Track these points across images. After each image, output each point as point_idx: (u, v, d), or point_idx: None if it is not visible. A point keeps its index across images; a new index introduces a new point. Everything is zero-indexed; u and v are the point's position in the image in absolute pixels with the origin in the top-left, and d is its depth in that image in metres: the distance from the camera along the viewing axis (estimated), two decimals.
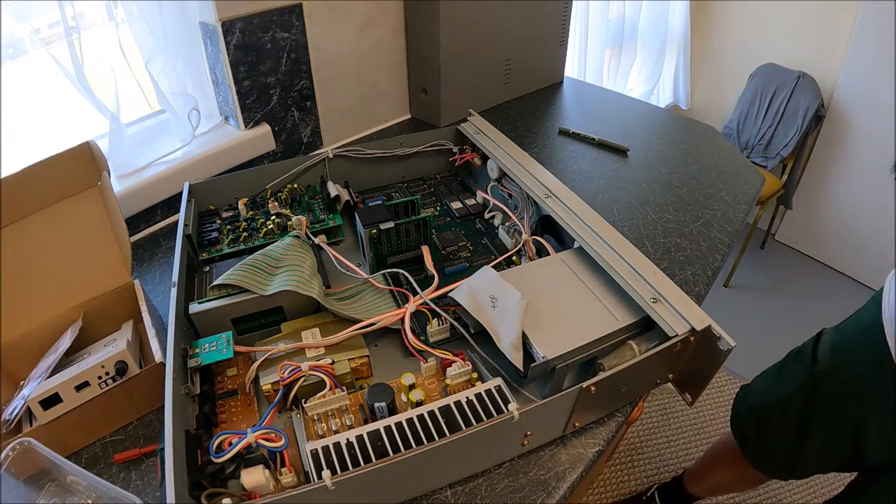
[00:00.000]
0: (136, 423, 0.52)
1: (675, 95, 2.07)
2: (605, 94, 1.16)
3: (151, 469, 0.48)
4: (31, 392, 0.46)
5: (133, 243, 0.68)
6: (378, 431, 0.43)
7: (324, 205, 0.69)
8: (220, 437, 0.42)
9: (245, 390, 0.51)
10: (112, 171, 0.65)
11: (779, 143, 1.86)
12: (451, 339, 0.56)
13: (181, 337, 0.49)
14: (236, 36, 0.75)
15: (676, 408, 1.52)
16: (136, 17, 0.72)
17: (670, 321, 0.47)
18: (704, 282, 0.66)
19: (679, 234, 0.73)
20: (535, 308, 0.50)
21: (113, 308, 0.58)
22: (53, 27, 0.68)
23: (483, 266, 0.57)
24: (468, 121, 0.79)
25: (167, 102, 0.77)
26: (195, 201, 0.67)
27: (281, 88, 0.84)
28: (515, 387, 0.51)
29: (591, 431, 0.50)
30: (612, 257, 0.54)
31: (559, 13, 1.08)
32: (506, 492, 0.45)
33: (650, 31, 1.84)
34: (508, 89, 1.09)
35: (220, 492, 0.40)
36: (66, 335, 0.54)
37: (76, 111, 0.73)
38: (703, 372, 0.49)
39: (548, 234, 0.65)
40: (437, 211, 0.75)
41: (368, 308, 0.57)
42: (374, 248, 0.61)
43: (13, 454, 0.43)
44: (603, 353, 0.50)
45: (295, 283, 0.53)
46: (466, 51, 0.94)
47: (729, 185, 0.83)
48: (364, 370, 0.52)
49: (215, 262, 0.63)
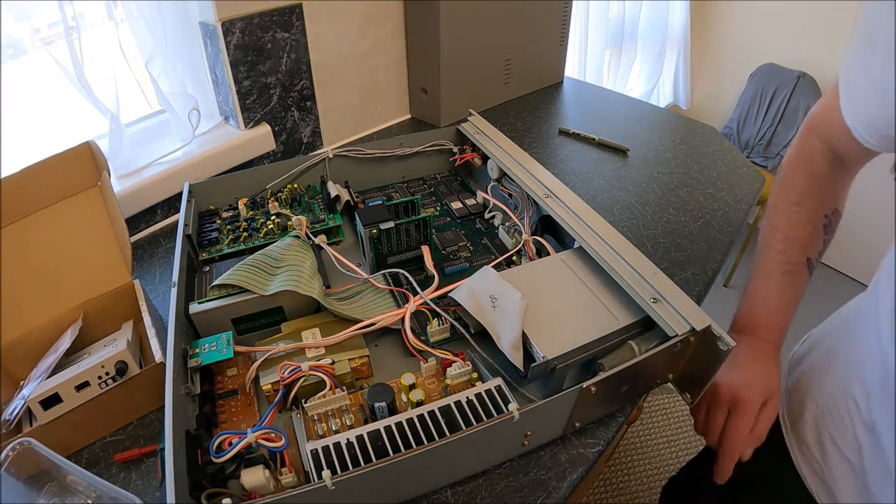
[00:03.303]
0: (136, 423, 0.52)
1: (675, 95, 2.07)
2: (605, 94, 1.16)
3: (151, 469, 0.48)
4: (31, 392, 0.46)
5: (133, 243, 0.68)
6: (378, 431, 0.43)
7: (324, 205, 0.69)
8: (220, 437, 0.42)
9: (245, 390, 0.51)
10: (112, 171, 0.65)
11: (779, 143, 1.86)
12: (451, 339, 0.56)
13: (181, 337, 0.49)
14: (236, 36, 0.75)
15: (676, 408, 1.52)
16: (136, 17, 0.72)
17: (670, 321, 0.47)
18: (704, 282, 0.66)
19: (679, 234, 0.73)
20: (535, 308, 0.50)
21: (113, 308, 0.58)
22: (53, 27, 0.68)
23: (483, 266, 0.57)
24: (468, 121, 0.79)
25: (167, 102, 0.77)
26: (195, 201, 0.67)
27: (281, 88, 0.84)
28: (515, 387, 0.51)
29: (591, 431, 0.50)
30: (612, 257, 0.54)
31: (559, 13, 1.08)
32: (506, 492, 0.45)
33: (650, 31, 1.84)
34: (508, 89, 1.09)
35: (220, 492, 0.40)
36: (66, 335, 0.54)
37: (76, 111, 0.73)
38: (703, 372, 0.49)
39: (548, 234, 0.65)
40: (437, 211, 0.75)
41: (368, 308, 0.57)
42: (374, 248, 0.61)
43: (13, 454, 0.43)
44: (603, 353, 0.50)
45: (295, 283, 0.53)
46: (466, 51, 0.94)
47: (729, 185, 0.83)
48: (364, 370, 0.52)
49: (215, 262, 0.63)
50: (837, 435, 0.50)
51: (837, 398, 0.50)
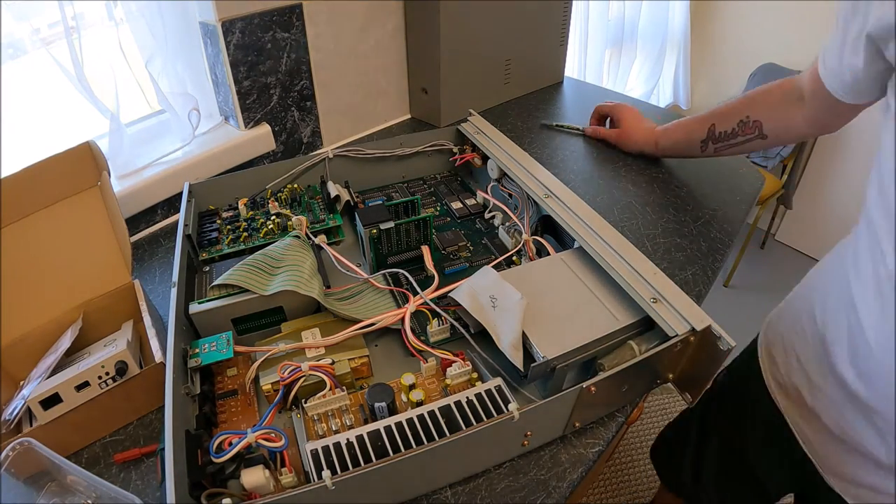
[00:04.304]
0: (136, 423, 0.52)
1: (675, 95, 2.07)
2: (605, 94, 1.15)
3: (151, 469, 0.48)
4: (31, 392, 0.46)
5: (133, 243, 0.68)
6: (378, 431, 0.43)
7: (324, 205, 0.69)
8: (220, 437, 0.42)
9: (245, 390, 0.51)
10: (112, 171, 0.65)
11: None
12: (451, 339, 0.56)
13: (181, 337, 0.49)
14: (236, 36, 0.75)
15: (676, 408, 1.52)
16: (136, 17, 0.72)
17: (670, 321, 0.47)
18: (704, 282, 0.66)
19: (679, 234, 0.73)
20: (535, 308, 0.50)
21: (113, 308, 0.58)
22: (53, 27, 0.67)
23: (483, 266, 0.57)
24: (468, 121, 0.79)
25: (167, 102, 0.77)
26: (195, 201, 0.67)
27: (281, 88, 0.84)
28: (515, 387, 0.51)
29: (591, 431, 0.50)
30: (612, 257, 0.54)
31: (559, 13, 1.08)
32: (506, 492, 0.45)
33: (650, 31, 1.84)
34: (508, 89, 1.09)
35: (220, 492, 0.40)
36: (66, 335, 0.54)
37: (76, 111, 0.73)
38: (703, 372, 0.49)
39: (548, 234, 0.65)
40: (437, 211, 0.75)
41: (368, 308, 0.57)
42: (374, 248, 0.61)
43: (13, 454, 0.43)
44: (603, 353, 0.50)
45: (295, 283, 0.53)
46: (466, 51, 0.94)
47: (729, 185, 0.83)
48: (364, 370, 0.52)
49: (215, 262, 0.63)
50: (801, 350, 0.58)
51: (803, 318, 0.58)
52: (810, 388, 0.56)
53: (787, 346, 0.60)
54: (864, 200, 0.49)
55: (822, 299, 0.55)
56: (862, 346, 0.47)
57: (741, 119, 0.70)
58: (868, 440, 0.50)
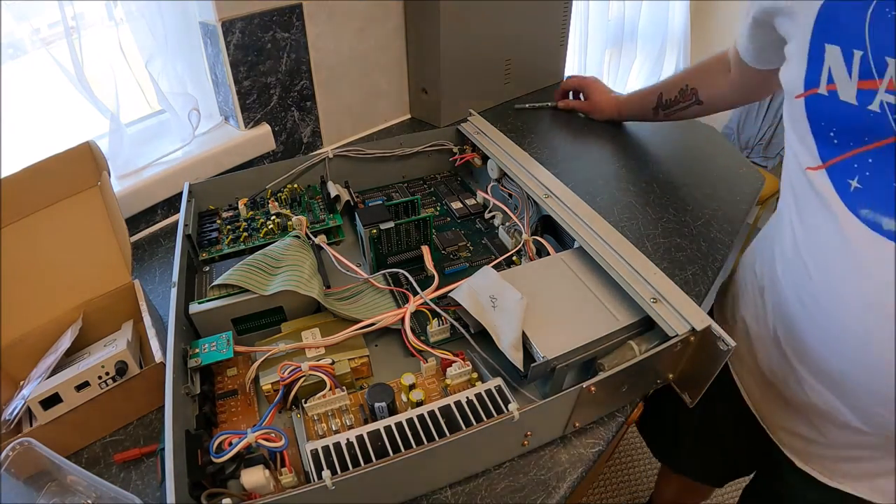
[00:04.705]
0: (136, 423, 0.52)
1: None
2: None
3: (151, 469, 0.48)
4: (31, 392, 0.46)
5: (133, 243, 0.68)
6: (378, 431, 0.43)
7: (324, 205, 0.69)
8: (220, 437, 0.42)
9: (245, 390, 0.51)
10: (112, 171, 0.65)
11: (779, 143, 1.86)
12: (451, 339, 0.56)
13: (181, 337, 0.49)
14: (236, 36, 0.75)
15: None
16: (136, 17, 0.72)
17: (670, 321, 0.47)
18: (704, 282, 0.66)
19: (679, 234, 0.73)
20: (535, 308, 0.50)
21: (113, 308, 0.58)
22: (53, 27, 0.68)
23: (483, 266, 0.57)
24: (468, 121, 0.79)
25: (167, 102, 0.77)
26: (195, 201, 0.67)
27: (281, 88, 0.84)
28: (515, 387, 0.51)
29: (591, 431, 0.50)
30: (612, 257, 0.54)
31: (559, 13, 1.08)
32: (506, 492, 0.45)
33: (650, 31, 1.84)
34: (508, 89, 1.09)
35: (220, 492, 0.40)
36: (66, 335, 0.54)
37: (76, 111, 0.73)
38: (703, 372, 0.49)
39: (548, 234, 0.65)
40: (437, 211, 0.75)
41: (368, 308, 0.57)
42: (374, 248, 0.61)
43: (13, 454, 0.43)
44: (603, 353, 0.50)
45: (295, 283, 0.53)
46: (466, 51, 0.94)
47: (729, 185, 0.83)
48: (364, 370, 0.52)
49: (215, 262, 0.63)
50: (744, 306, 0.63)
51: (747, 276, 0.64)
52: (748, 336, 0.62)
53: (735, 308, 0.66)
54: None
55: (760, 256, 0.62)
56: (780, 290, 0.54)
57: (681, 87, 0.80)
58: (787, 380, 0.56)
